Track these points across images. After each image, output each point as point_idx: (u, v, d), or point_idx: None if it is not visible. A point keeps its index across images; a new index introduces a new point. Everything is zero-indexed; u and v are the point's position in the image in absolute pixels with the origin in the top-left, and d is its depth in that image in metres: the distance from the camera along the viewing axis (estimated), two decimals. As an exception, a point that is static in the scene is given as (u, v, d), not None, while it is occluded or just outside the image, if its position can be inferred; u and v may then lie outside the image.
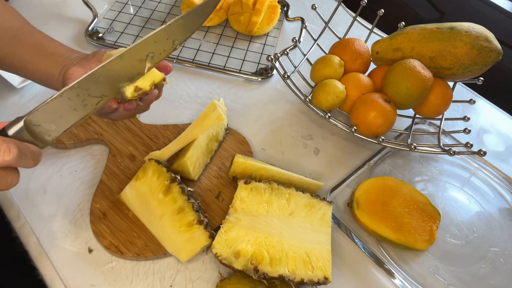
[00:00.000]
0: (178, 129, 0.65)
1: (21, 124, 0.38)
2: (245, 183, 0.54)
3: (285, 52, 0.71)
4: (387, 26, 0.84)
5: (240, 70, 0.78)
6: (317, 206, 0.54)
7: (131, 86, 0.44)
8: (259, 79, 0.77)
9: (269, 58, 0.65)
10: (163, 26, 0.43)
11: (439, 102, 0.63)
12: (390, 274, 0.54)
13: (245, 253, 0.49)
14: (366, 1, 0.73)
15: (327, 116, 0.63)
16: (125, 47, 0.43)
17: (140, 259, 0.52)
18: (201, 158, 0.59)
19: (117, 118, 0.49)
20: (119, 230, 0.53)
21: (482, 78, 0.69)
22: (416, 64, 0.60)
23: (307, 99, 0.64)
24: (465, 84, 0.82)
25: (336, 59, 0.66)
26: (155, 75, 0.45)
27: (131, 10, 0.87)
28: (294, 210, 0.53)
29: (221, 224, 0.51)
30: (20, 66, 0.50)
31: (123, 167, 0.60)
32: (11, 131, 0.37)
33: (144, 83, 0.45)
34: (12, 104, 0.67)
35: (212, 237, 0.51)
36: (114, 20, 0.84)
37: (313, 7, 0.75)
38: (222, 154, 0.64)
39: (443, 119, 0.66)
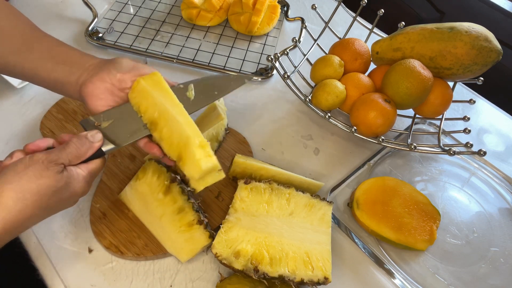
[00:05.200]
0: (178, 129, 0.65)
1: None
2: (245, 183, 0.54)
3: (285, 52, 0.71)
4: (387, 26, 0.84)
5: (240, 70, 0.78)
6: (317, 206, 0.54)
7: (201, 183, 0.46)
8: (259, 79, 0.77)
9: (269, 58, 0.65)
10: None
11: (439, 102, 0.63)
12: (390, 274, 0.54)
13: (245, 253, 0.48)
14: (366, 1, 0.73)
15: (327, 116, 0.63)
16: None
17: (140, 259, 0.52)
18: (201, 158, 0.59)
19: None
20: (119, 230, 0.53)
21: (482, 78, 0.69)
22: (416, 64, 0.60)
23: (307, 99, 0.64)
24: (465, 84, 0.82)
25: (336, 59, 0.66)
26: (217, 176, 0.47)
27: (131, 10, 0.87)
28: (294, 210, 0.53)
29: (221, 224, 0.51)
30: (32, 75, 0.49)
31: (123, 167, 0.60)
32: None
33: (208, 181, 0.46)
34: (12, 104, 0.67)
35: (212, 237, 0.51)
36: (114, 20, 0.84)
37: (313, 7, 0.75)
38: (222, 154, 0.64)
39: (443, 119, 0.66)
